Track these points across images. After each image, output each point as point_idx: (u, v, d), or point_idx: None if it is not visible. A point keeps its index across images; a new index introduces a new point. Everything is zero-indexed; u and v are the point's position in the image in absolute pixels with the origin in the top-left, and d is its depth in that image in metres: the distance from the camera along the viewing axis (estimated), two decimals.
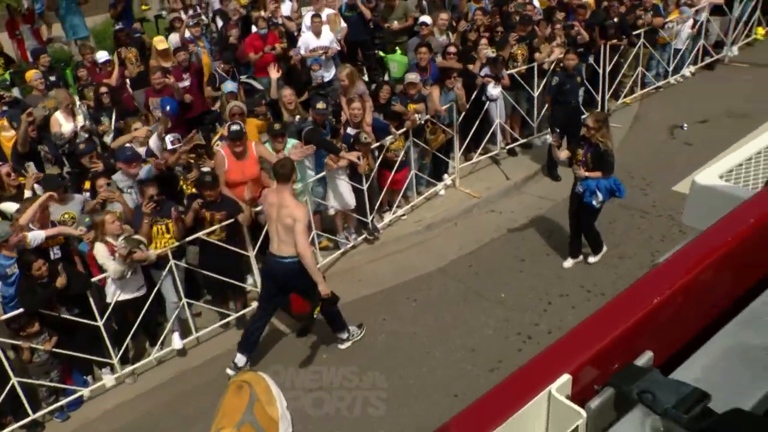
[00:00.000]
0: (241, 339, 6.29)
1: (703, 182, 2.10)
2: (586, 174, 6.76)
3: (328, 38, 9.27)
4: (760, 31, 12.43)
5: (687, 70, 11.67)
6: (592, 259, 7.39)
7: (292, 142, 7.08)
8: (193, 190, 6.64)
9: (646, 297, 0.79)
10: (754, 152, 2.21)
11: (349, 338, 6.47)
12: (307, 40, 9.23)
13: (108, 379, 6.30)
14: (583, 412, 0.70)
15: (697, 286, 0.83)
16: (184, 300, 6.49)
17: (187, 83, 8.44)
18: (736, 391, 0.68)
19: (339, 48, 9.49)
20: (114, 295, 5.98)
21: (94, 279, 5.92)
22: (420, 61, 8.61)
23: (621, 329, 0.76)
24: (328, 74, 9.15)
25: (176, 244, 6.24)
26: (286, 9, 10.43)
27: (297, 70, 9.05)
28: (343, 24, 9.72)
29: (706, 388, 0.67)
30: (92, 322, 5.86)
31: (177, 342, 6.59)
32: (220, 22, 10.59)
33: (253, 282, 7.00)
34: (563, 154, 7.15)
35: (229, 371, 6.18)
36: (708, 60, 11.90)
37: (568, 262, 7.41)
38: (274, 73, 8.23)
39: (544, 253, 7.62)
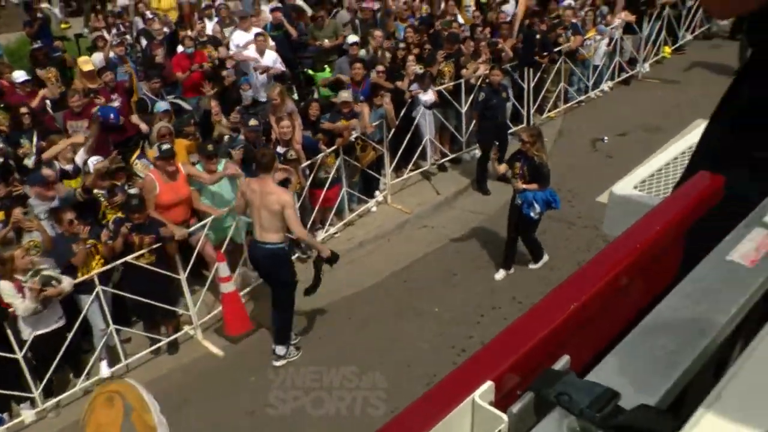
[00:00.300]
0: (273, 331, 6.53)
1: (619, 193, 2.21)
2: (524, 186, 6.97)
3: (271, 58, 9.33)
4: (667, 50, 13.15)
5: (606, 85, 12.18)
6: (533, 266, 7.62)
7: (224, 162, 7.01)
8: (118, 213, 6.42)
9: (563, 304, 0.82)
10: (664, 163, 2.35)
11: (286, 356, 6.43)
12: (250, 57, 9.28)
13: (27, 415, 5.97)
14: (505, 417, 0.73)
15: (609, 293, 0.88)
16: (112, 326, 6.27)
17: (116, 104, 8.20)
18: (643, 388, 0.72)
19: (283, 69, 9.49)
20: (29, 331, 5.65)
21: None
22: (355, 76, 8.70)
23: (539, 336, 0.80)
24: (264, 96, 9.11)
25: (102, 268, 6.04)
26: (209, 28, 10.35)
27: (228, 89, 8.96)
28: (272, 42, 9.71)
29: (617, 388, 0.71)
30: (10, 355, 5.57)
31: (105, 370, 6.35)
32: (144, 42, 10.37)
33: (185, 305, 6.84)
34: (501, 168, 7.32)
35: (275, 363, 6.36)
36: (624, 75, 12.46)
37: (500, 274, 7.57)
38: (209, 90, 8.14)
39: (477, 267, 7.76)
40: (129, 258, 6.11)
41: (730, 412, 0.67)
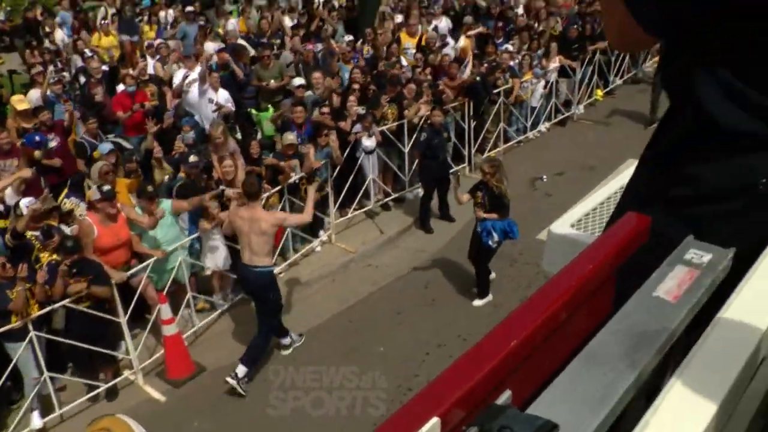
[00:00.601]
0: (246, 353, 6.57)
1: (557, 231, 2.30)
2: (484, 215, 7.24)
3: (224, 96, 9.39)
4: (599, 93, 13.78)
5: (543, 126, 12.61)
6: (477, 303, 7.71)
7: (165, 202, 6.90)
8: (53, 256, 6.20)
9: (504, 341, 0.87)
10: (598, 203, 2.47)
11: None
12: (205, 94, 9.34)
13: None
14: None
15: (547, 330, 0.93)
16: (47, 374, 6.00)
17: (54, 143, 8.00)
18: (580, 419, 0.77)
19: (233, 108, 9.51)
20: None
21: None
22: (296, 119, 8.77)
23: (482, 372, 0.83)
24: None
25: (39, 312, 5.81)
26: (150, 67, 10.30)
27: (167, 131, 8.87)
28: None
29: (555, 420, 0.76)
30: None
31: (36, 421, 6.05)
32: (83, 79, 10.21)
33: (125, 349, 6.63)
34: (464, 197, 7.57)
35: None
36: (560, 117, 12.94)
37: (479, 302, 7.78)
38: (152, 126, 8.03)
39: (422, 305, 7.81)
40: (66, 302, 5.90)
41: None
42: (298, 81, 9.56)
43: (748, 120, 1.25)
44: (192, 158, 7.41)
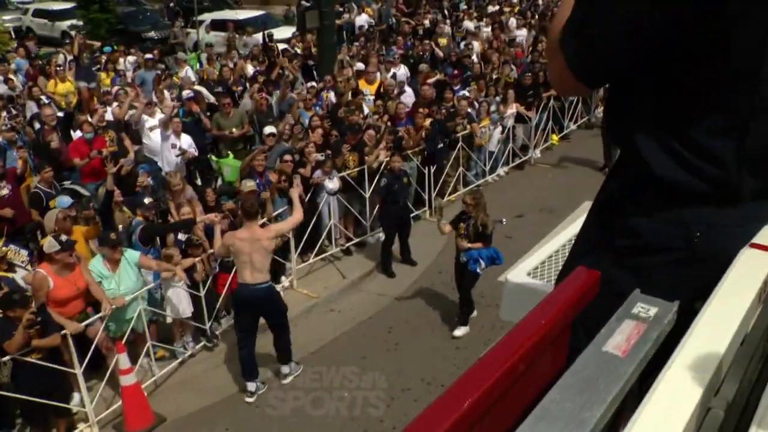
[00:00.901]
0: (243, 370, 6.87)
1: (513, 280, 2.36)
2: (469, 245, 7.48)
3: (187, 141, 9.43)
4: (555, 137, 14.15)
5: (501, 170, 12.85)
6: (457, 333, 7.90)
7: (129, 252, 6.80)
8: None
9: (460, 398, 0.89)
10: (553, 251, 2.54)
11: (292, 373, 6.93)
12: (168, 140, 9.39)
13: None
14: None
15: (499, 389, 0.96)
16: None
17: (5, 191, 7.82)
18: None
19: (196, 153, 9.49)
20: None
21: None
22: (257, 167, 8.79)
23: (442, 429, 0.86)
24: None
25: None
26: (108, 114, 10.24)
27: (125, 178, 8.77)
28: None
29: None
30: None
31: None
32: (37, 125, 10.07)
33: (80, 401, 6.41)
34: (446, 228, 7.79)
35: (248, 399, 6.70)
36: (518, 161, 13.22)
37: (459, 331, 7.94)
38: (111, 168, 7.99)
39: (385, 349, 7.77)
40: (16, 354, 5.70)
41: None
42: (269, 129, 9.60)
43: (683, 174, 1.32)
44: (146, 200, 7.36)
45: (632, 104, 1.39)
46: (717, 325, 1.07)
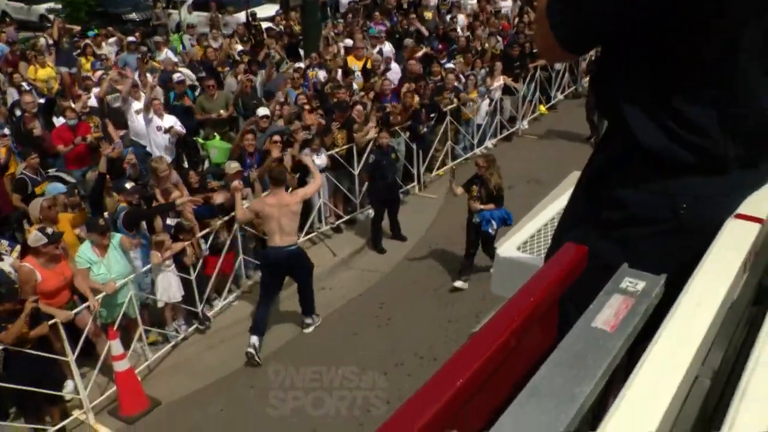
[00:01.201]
0: (253, 324, 7.33)
1: (504, 254, 2.37)
2: (481, 207, 7.82)
3: (170, 120, 9.40)
4: (542, 108, 14.14)
5: (489, 142, 12.84)
6: (458, 284, 8.30)
7: (117, 236, 6.78)
8: None
9: (448, 381, 0.90)
10: (542, 224, 2.55)
11: (314, 322, 7.71)
12: (152, 122, 9.32)
13: None
14: None
15: (492, 366, 0.97)
16: None
17: None
18: None
19: (183, 130, 9.48)
20: None
21: None
22: (247, 147, 8.74)
23: (429, 414, 0.86)
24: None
25: None
26: (92, 100, 10.13)
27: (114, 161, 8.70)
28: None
29: None
30: None
31: None
32: (18, 113, 9.92)
33: (73, 388, 6.42)
34: (459, 190, 8.18)
35: (249, 350, 7.10)
36: (505, 133, 13.21)
37: (459, 283, 8.29)
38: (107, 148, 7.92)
39: (376, 325, 7.82)
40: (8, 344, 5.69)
41: None
42: (263, 111, 9.51)
43: (670, 144, 1.33)
44: (128, 185, 7.31)
45: (623, 75, 1.39)
46: (703, 296, 1.08)
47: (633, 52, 1.34)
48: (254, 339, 7.20)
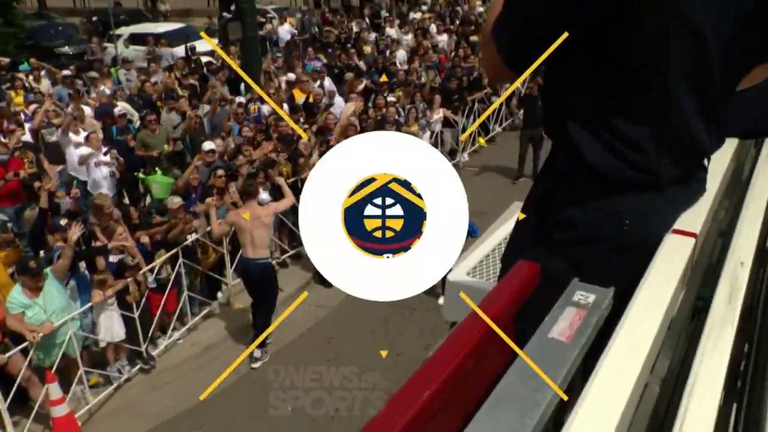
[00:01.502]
0: (255, 335, 7.68)
1: (454, 279, 2.42)
2: None
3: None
4: (482, 140, 14.47)
5: None
6: (441, 301, 7.96)
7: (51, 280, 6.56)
8: None
9: (411, 400, 0.93)
10: (490, 249, 2.62)
11: (262, 358, 7.66)
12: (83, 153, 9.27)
13: None
14: None
15: (455, 380, 1.01)
16: None
17: None
18: None
19: (122, 159, 9.40)
20: None
21: None
22: (192, 181, 8.70)
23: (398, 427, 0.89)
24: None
25: None
26: (26, 135, 9.84)
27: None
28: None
29: None
30: None
31: None
32: None
33: None
34: None
35: (254, 365, 7.50)
36: None
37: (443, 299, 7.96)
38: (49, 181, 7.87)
39: (325, 360, 7.75)
40: None
41: None
42: (209, 146, 9.42)
43: (612, 161, 1.39)
44: (62, 222, 7.12)
45: (566, 94, 1.43)
46: (647, 310, 1.15)
47: (573, 70, 1.39)
48: (257, 352, 7.67)
